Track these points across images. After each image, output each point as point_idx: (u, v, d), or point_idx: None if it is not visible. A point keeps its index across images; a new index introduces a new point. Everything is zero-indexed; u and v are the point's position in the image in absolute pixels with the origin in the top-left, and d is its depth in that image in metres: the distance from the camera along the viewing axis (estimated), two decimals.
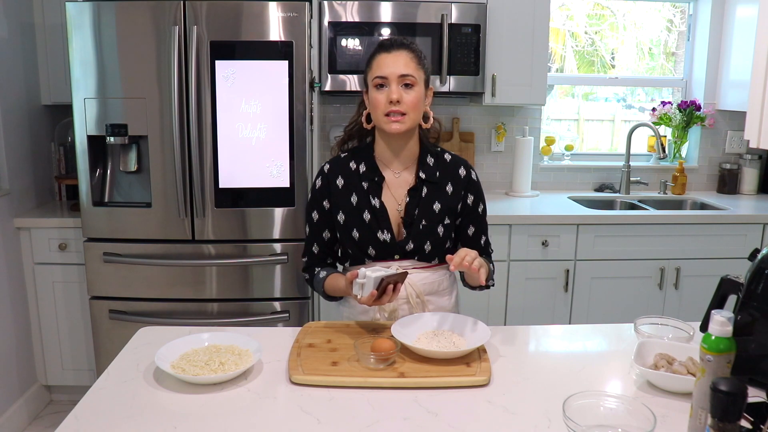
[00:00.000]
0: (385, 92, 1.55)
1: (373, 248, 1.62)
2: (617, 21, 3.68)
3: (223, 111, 2.49)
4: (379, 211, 1.62)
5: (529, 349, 1.55)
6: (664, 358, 1.33)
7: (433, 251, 1.63)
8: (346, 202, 1.64)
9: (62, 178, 3.09)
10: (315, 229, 1.70)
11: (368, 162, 1.65)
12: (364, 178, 1.64)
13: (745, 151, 3.52)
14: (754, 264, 1.29)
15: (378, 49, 1.58)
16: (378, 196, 1.63)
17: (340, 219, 1.65)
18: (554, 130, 3.68)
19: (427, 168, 1.65)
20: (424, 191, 1.64)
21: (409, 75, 1.54)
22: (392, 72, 1.53)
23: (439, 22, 2.87)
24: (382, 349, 1.36)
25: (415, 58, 1.57)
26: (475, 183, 1.70)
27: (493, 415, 1.21)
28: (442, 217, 1.63)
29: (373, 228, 1.62)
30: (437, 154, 1.68)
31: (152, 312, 2.61)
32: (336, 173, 1.67)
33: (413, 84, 1.55)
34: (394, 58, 1.54)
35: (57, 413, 2.91)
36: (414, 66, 1.56)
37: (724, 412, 0.95)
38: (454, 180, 1.66)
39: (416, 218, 1.62)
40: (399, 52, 1.55)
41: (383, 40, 1.61)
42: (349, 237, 1.64)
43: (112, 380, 1.33)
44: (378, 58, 1.57)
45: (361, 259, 1.65)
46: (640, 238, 2.91)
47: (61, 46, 2.82)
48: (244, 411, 1.21)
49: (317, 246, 1.71)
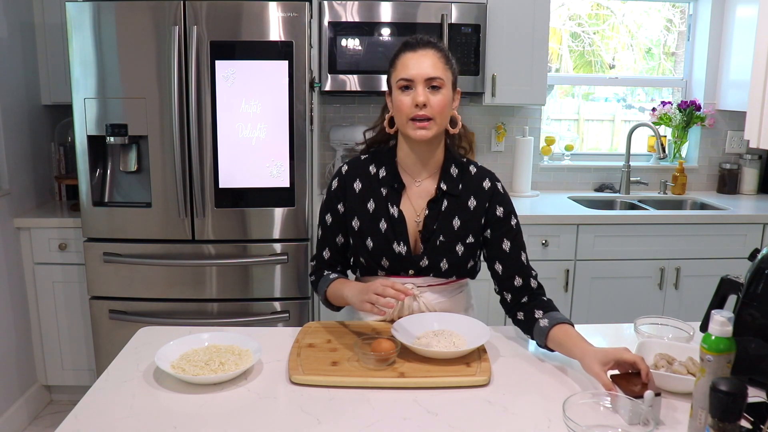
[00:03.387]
0: (410, 95, 1.44)
1: (387, 260, 1.54)
2: (617, 21, 3.68)
3: (223, 111, 2.49)
4: (396, 220, 1.53)
5: (529, 349, 1.54)
6: (664, 358, 1.33)
7: (451, 270, 1.55)
8: (362, 207, 1.55)
9: (62, 178, 3.09)
10: (328, 233, 1.62)
11: (389, 167, 1.56)
12: (384, 184, 1.55)
13: (745, 151, 3.52)
14: (754, 264, 1.29)
15: (403, 48, 1.48)
16: (397, 204, 1.54)
17: (354, 225, 1.56)
18: (554, 130, 3.68)
19: (449, 179, 1.54)
20: (444, 204, 1.54)
21: (437, 77, 1.44)
22: (418, 73, 1.43)
23: (439, 22, 2.87)
24: (382, 349, 1.35)
25: (443, 57, 1.47)
26: (501, 195, 1.57)
27: (493, 415, 1.21)
28: (463, 235, 1.53)
29: (389, 238, 1.53)
30: (462, 165, 1.57)
31: (152, 312, 2.61)
32: (354, 176, 1.58)
33: (441, 86, 1.45)
34: (420, 58, 1.44)
35: (57, 413, 2.91)
36: (442, 66, 1.46)
37: (724, 412, 0.95)
38: (477, 194, 1.55)
39: (434, 233, 1.52)
40: (426, 51, 1.45)
41: (408, 39, 1.49)
42: (363, 246, 1.55)
43: (112, 380, 1.33)
44: (403, 57, 1.46)
45: (374, 270, 1.57)
46: (640, 238, 2.91)
47: (61, 46, 2.82)
48: (244, 411, 1.21)
49: (329, 251, 1.63)
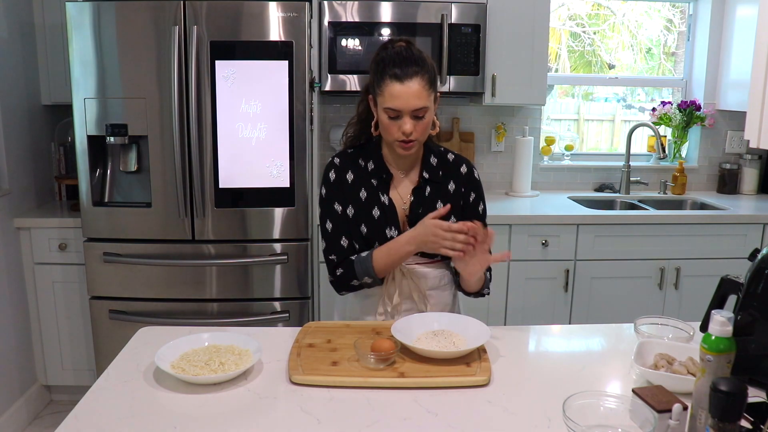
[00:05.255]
0: (397, 123, 1.54)
1: (379, 244, 1.63)
2: (617, 21, 3.68)
3: (223, 111, 2.49)
4: (388, 207, 1.65)
5: (529, 349, 1.54)
6: (664, 358, 1.33)
7: None
8: (355, 196, 1.65)
9: (62, 178, 3.09)
10: (340, 221, 1.65)
11: (376, 160, 1.67)
12: (373, 175, 1.66)
13: (745, 151, 3.52)
14: (754, 264, 1.29)
15: (390, 77, 1.52)
16: (386, 193, 1.66)
17: (349, 213, 1.66)
18: (554, 130, 3.68)
19: (430, 168, 1.67)
20: (428, 191, 1.66)
21: (422, 107, 1.53)
22: (405, 106, 1.51)
23: (439, 22, 2.87)
24: (382, 349, 1.36)
25: (427, 83, 1.53)
26: (475, 181, 1.71)
27: (493, 415, 1.21)
28: (446, 217, 1.62)
29: (382, 224, 1.64)
30: (440, 154, 1.71)
31: (152, 312, 2.61)
32: (346, 168, 1.67)
33: (425, 112, 1.54)
34: (406, 90, 1.50)
35: (57, 413, 2.91)
36: (426, 94, 1.53)
37: (724, 412, 0.95)
38: (455, 178, 1.69)
39: (420, 216, 1.62)
40: (412, 81, 1.50)
41: (395, 67, 1.52)
42: (357, 231, 1.65)
43: (112, 380, 1.33)
44: (390, 88, 1.51)
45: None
46: (640, 238, 2.91)
47: (61, 46, 2.83)
48: (244, 411, 1.21)
49: (345, 238, 1.65)
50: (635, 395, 1.16)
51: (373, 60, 1.59)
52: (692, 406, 1.12)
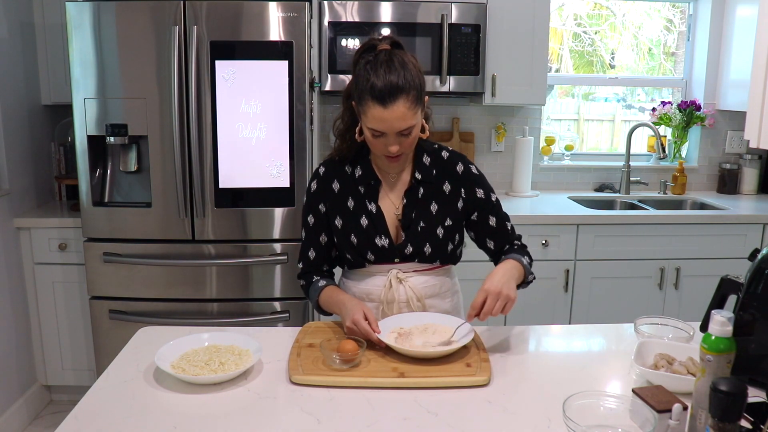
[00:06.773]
0: (382, 141, 1.47)
1: (372, 253, 1.58)
2: (617, 21, 3.68)
3: (223, 111, 2.49)
4: (375, 216, 1.58)
5: (529, 349, 1.54)
6: (664, 358, 1.33)
7: (434, 253, 1.59)
8: (342, 206, 1.60)
9: (62, 178, 3.09)
10: (311, 234, 1.65)
11: (364, 166, 1.60)
12: (360, 182, 1.60)
13: (745, 151, 3.52)
14: (754, 264, 1.29)
15: (373, 99, 1.42)
16: (375, 201, 1.59)
17: (337, 224, 1.60)
18: (554, 130, 3.68)
19: (423, 168, 1.60)
20: (421, 192, 1.59)
21: (408, 127, 1.45)
22: (390, 129, 1.44)
23: (439, 22, 2.87)
24: (347, 350, 1.37)
25: (412, 101, 1.43)
26: (475, 176, 1.63)
27: (493, 415, 1.21)
28: (441, 218, 1.58)
29: (371, 233, 1.57)
30: (434, 152, 1.63)
31: (152, 312, 2.61)
32: (332, 177, 1.62)
33: (411, 129, 1.47)
34: (390, 113, 1.42)
35: (57, 413, 2.91)
36: (411, 114, 1.44)
37: (724, 412, 0.95)
38: (452, 178, 1.61)
39: (413, 220, 1.58)
40: (395, 104, 1.41)
41: (376, 89, 1.41)
42: (347, 242, 1.60)
43: (112, 380, 1.33)
44: (373, 110, 1.43)
45: (360, 263, 1.61)
46: (640, 238, 2.91)
47: (61, 46, 2.83)
48: (244, 411, 1.21)
49: (314, 251, 1.66)
50: (635, 395, 1.16)
51: (354, 62, 1.51)
52: (692, 406, 1.12)
